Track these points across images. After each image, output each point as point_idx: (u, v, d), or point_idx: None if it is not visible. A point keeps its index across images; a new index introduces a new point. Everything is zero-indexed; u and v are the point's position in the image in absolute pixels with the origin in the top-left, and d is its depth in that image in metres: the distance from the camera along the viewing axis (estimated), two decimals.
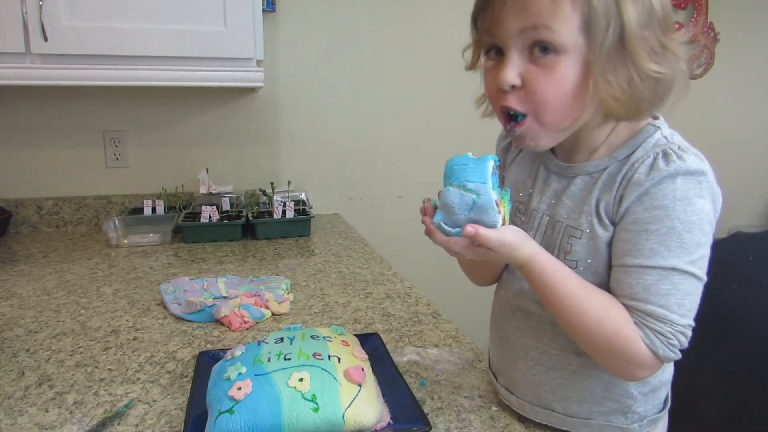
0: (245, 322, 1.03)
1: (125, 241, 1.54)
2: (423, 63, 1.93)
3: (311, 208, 1.76)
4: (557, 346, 0.68)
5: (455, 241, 0.60)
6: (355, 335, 0.86)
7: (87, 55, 1.35)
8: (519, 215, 0.73)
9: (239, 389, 0.66)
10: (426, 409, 0.74)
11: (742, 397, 1.15)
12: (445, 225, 0.60)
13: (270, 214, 1.63)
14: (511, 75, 0.59)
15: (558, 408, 0.70)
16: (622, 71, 0.57)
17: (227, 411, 0.64)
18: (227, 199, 1.69)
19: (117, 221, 1.56)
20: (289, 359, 0.70)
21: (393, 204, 2.03)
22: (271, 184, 1.73)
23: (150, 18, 1.37)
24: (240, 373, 0.69)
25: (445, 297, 1.56)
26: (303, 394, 0.65)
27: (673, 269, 0.56)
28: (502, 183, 0.74)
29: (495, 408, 0.77)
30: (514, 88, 0.60)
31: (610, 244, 0.61)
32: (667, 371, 0.71)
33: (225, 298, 1.09)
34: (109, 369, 0.87)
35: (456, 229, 0.60)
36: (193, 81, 1.44)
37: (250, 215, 1.63)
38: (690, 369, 1.30)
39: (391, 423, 0.68)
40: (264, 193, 1.72)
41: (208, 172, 1.73)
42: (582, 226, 0.63)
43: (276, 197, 1.66)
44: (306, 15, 1.81)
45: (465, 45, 0.68)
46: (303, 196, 1.84)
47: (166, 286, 1.16)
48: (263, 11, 1.56)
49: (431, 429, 0.68)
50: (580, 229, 0.63)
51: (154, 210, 1.66)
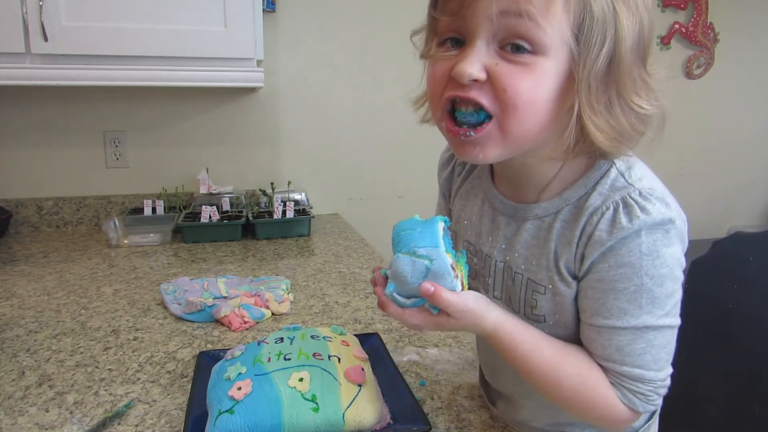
0: (245, 322, 1.03)
1: (125, 241, 1.54)
2: (423, 62, 1.92)
3: (311, 208, 1.76)
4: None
5: (410, 313, 0.55)
6: (355, 335, 0.86)
7: (87, 55, 1.35)
8: (471, 257, 0.67)
9: (239, 389, 0.66)
10: (426, 409, 0.74)
11: (742, 397, 1.15)
12: (399, 296, 0.55)
13: (270, 214, 1.63)
14: (475, 65, 0.49)
15: (545, 418, 0.70)
16: (603, 98, 0.50)
17: (227, 411, 0.64)
18: (227, 199, 1.69)
19: (117, 221, 1.56)
20: (289, 359, 0.70)
21: (393, 204, 2.03)
22: (271, 184, 1.73)
23: (150, 18, 1.37)
24: (240, 373, 0.69)
25: None
26: (303, 394, 0.65)
27: (646, 327, 0.52)
28: (455, 243, 0.68)
29: (495, 408, 0.77)
30: (476, 83, 0.50)
31: (575, 299, 0.57)
32: None
33: (225, 298, 1.09)
34: (109, 369, 0.87)
35: (411, 300, 0.55)
36: (193, 81, 1.45)
37: (250, 215, 1.63)
38: (690, 369, 1.31)
39: (391, 423, 0.68)
40: (264, 193, 1.72)
41: (208, 172, 1.73)
42: (543, 281, 0.58)
43: (276, 197, 1.66)
44: (306, 15, 1.81)
45: (414, 29, 0.58)
46: (303, 196, 1.84)
47: (166, 286, 1.16)
48: (263, 11, 1.56)
49: (431, 429, 0.68)
50: (542, 285, 0.58)
51: (154, 210, 1.66)
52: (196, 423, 0.67)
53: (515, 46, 0.49)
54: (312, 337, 0.77)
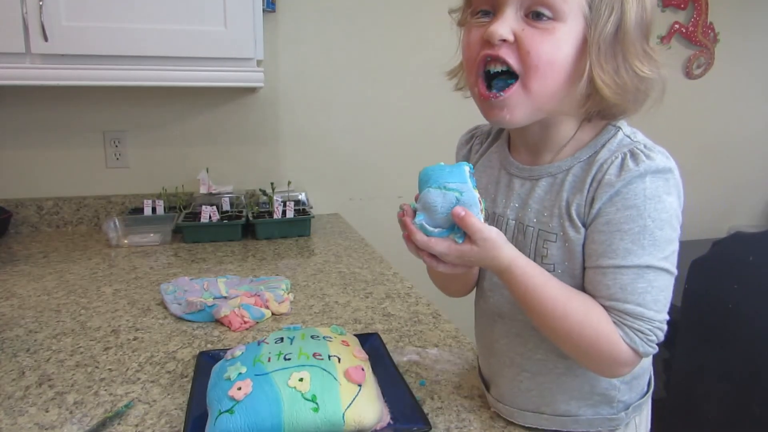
0: (245, 322, 1.03)
1: (125, 241, 1.54)
2: (423, 62, 1.93)
3: (311, 208, 1.76)
4: (542, 350, 0.68)
5: (436, 242, 0.60)
6: (355, 335, 0.86)
7: (87, 55, 1.35)
8: (486, 222, 0.73)
9: (239, 389, 0.66)
10: (426, 409, 0.74)
11: (742, 397, 1.15)
12: (427, 225, 0.60)
13: (270, 214, 1.63)
14: (504, 28, 0.58)
15: (547, 410, 0.70)
16: (611, 62, 0.58)
17: (227, 411, 0.64)
18: (227, 199, 1.69)
19: (117, 221, 1.56)
20: (289, 359, 0.70)
21: (393, 204, 2.02)
22: (271, 184, 1.73)
23: (150, 18, 1.37)
24: (240, 373, 0.69)
25: (445, 297, 1.55)
26: (303, 394, 0.65)
27: (648, 267, 0.57)
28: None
29: (494, 408, 0.77)
30: (505, 42, 0.58)
31: (582, 246, 0.61)
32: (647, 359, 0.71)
33: (225, 298, 1.09)
34: (109, 369, 0.87)
35: (438, 229, 0.60)
36: (193, 81, 1.45)
37: (250, 215, 1.63)
38: (690, 369, 1.31)
39: (391, 423, 0.68)
40: (264, 193, 1.72)
41: (208, 172, 1.73)
42: (554, 229, 0.63)
43: (276, 197, 1.66)
44: (306, 15, 1.81)
45: (452, 7, 0.68)
46: (303, 196, 1.84)
47: (166, 286, 1.16)
48: (263, 11, 1.56)
49: (431, 429, 0.68)
50: (553, 233, 0.63)
51: (154, 210, 1.66)
52: (196, 423, 0.67)
53: (537, 13, 0.57)
54: (312, 337, 0.77)
